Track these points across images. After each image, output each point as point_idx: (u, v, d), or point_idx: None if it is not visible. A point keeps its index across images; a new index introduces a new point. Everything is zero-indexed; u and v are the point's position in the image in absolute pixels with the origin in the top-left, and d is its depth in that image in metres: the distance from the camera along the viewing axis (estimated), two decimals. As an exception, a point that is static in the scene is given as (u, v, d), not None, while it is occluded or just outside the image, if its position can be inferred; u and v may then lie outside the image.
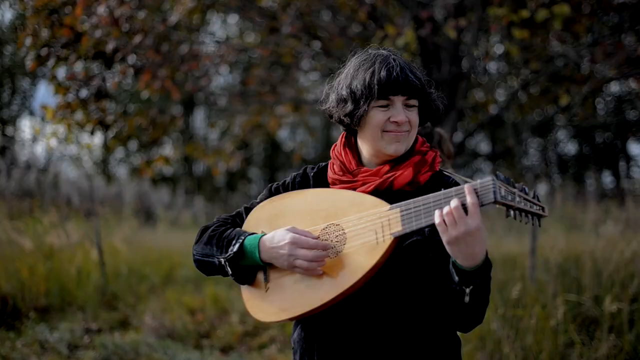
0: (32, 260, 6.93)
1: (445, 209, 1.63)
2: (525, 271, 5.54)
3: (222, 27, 17.04)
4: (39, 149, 22.34)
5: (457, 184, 1.88)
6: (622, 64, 5.92)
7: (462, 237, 1.61)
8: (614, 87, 16.18)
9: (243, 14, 7.27)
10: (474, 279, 1.66)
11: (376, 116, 1.86)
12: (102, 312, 6.76)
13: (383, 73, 1.82)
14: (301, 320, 1.95)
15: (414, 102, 1.87)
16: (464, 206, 1.62)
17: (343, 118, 1.90)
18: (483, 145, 21.10)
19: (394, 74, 1.82)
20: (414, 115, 1.88)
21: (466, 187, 1.63)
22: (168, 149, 17.97)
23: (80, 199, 11.79)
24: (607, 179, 20.42)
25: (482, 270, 1.66)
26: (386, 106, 1.85)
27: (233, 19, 14.04)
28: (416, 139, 1.96)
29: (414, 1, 6.45)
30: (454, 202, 1.61)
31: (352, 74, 1.89)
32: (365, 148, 1.94)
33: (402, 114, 1.85)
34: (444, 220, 1.62)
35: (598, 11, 6.39)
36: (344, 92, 1.88)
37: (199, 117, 23.79)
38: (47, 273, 6.80)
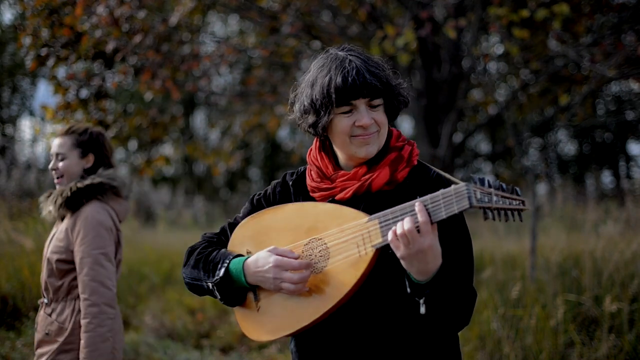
0: (32, 260, 6.92)
1: (399, 230, 1.62)
2: (525, 271, 5.54)
3: (222, 27, 17.04)
4: (39, 149, 22.32)
5: (439, 176, 1.86)
6: (622, 64, 5.91)
7: (414, 255, 1.62)
8: (614, 87, 16.17)
9: (243, 14, 7.27)
10: (424, 290, 1.67)
11: (341, 123, 1.82)
12: (102, 312, 6.75)
13: (339, 79, 1.77)
14: None
15: (377, 101, 1.82)
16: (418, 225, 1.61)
17: (308, 129, 1.87)
18: (483, 145, 21.11)
19: (350, 78, 1.77)
20: (380, 115, 1.83)
21: (417, 206, 1.62)
22: (168, 149, 17.95)
23: (80, 199, 11.76)
24: (607, 179, 20.42)
25: (433, 283, 1.66)
26: (349, 111, 1.81)
27: (233, 19, 14.04)
28: (390, 134, 1.92)
29: (414, 1, 6.44)
30: (407, 225, 1.61)
31: (311, 81, 1.85)
32: (339, 153, 1.92)
33: (367, 116, 1.80)
34: (396, 239, 1.63)
35: (598, 11, 6.39)
36: (306, 103, 1.85)
37: (199, 117, 23.80)
38: (47, 273, 6.79)
